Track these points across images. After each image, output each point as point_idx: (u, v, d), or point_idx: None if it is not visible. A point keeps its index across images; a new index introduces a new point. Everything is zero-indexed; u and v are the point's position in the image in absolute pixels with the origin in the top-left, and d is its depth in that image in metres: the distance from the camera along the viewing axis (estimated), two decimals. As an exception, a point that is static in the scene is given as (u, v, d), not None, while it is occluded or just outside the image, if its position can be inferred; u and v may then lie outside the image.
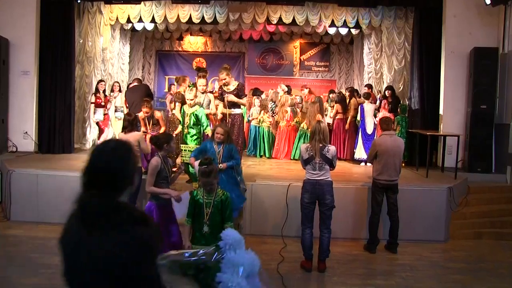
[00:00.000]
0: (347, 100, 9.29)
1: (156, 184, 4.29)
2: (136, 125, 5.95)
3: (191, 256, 2.14)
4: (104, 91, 9.04)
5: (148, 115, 6.70)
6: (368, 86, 9.59)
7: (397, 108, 8.68)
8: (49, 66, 8.51)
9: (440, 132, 8.07)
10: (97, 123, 9.07)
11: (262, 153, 9.43)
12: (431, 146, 7.48)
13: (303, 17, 9.49)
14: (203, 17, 9.51)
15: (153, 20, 9.90)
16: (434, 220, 6.17)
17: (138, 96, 7.79)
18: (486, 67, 7.66)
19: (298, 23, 9.77)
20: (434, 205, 6.21)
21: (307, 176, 4.92)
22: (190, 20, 9.72)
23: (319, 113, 8.48)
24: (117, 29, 11.04)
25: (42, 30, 8.47)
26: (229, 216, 3.67)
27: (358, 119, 8.80)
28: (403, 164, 6.89)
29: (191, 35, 13.62)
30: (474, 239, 6.28)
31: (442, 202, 6.21)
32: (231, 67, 7.37)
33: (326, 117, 9.35)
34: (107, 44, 10.47)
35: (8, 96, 8.32)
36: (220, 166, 4.79)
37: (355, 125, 9.05)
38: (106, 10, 9.61)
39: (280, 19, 9.62)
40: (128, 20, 9.84)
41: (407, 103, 8.99)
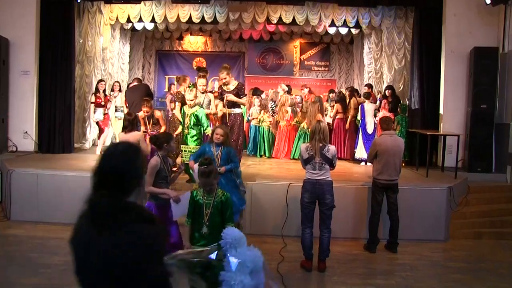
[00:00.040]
0: (347, 100, 9.30)
1: (155, 184, 4.28)
2: (136, 125, 5.95)
3: (195, 255, 2.18)
4: (104, 90, 9.03)
5: (148, 115, 6.70)
6: (368, 86, 9.59)
7: (397, 108, 8.68)
8: (49, 66, 8.51)
9: (440, 131, 8.07)
10: (97, 123, 9.06)
11: (262, 152, 9.42)
12: (431, 146, 7.48)
13: (303, 16, 9.49)
14: (203, 16, 9.51)
15: (153, 20, 9.90)
16: (434, 220, 6.17)
17: (138, 95, 7.80)
18: (486, 66, 7.66)
19: (298, 23, 9.77)
20: (434, 204, 6.21)
21: (307, 176, 4.92)
22: (190, 20, 9.72)
23: (319, 112, 8.49)
24: (117, 28, 11.05)
25: (42, 30, 8.47)
26: (229, 217, 3.62)
27: (358, 118, 8.80)
28: (403, 164, 6.88)
29: (191, 34, 13.61)
30: (474, 238, 6.28)
31: (442, 202, 6.21)
32: (231, 67, 7.37)
33: (326, 116, 9.36)
34: (107, 43, 10.47)
35: (8, 96, 8.32)
36: (219, 170, 4.72)
37: (355, 124, 9.05)
38: (106, 9, 9.61)
39: (280, 18, 9.62)
40: (128, 20, 9.84)
41: (407, 102, 8.99)
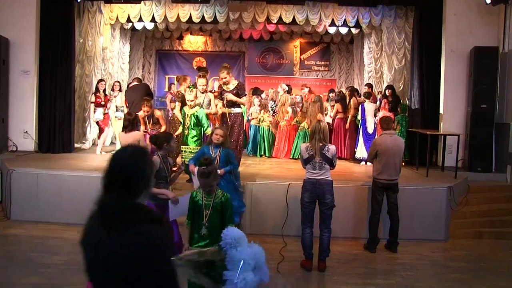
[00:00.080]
0: (347, 100, 9.29)
1: (155, 184, 4.27)
2: (137, 124, 5.95)
3: (199, 256, 2.28)
4: (104, 90, 9.03)
5: (148, 114, 6.71)
6: (368, 85, 9.58)
7: (397, 108, 8.68)
8: (49, 66, 8.50)
9: (440, 131, 8.06)
10: (97, 123, 9.07)
11: (262, 152, 9.42)
12: (431, 146, 7.48)
13: (303, 16, 9.48)
14: (203, 16, 9.51)
15: (153, 20, 9.90)
16: (434, 220, 6.17)
17: (138, 95, 7.80)
18: (486, 66, 7.65)
19: (298, 23, 9.76)
20: (434, 204, 6.20)
21: (307, 176, 4.92)
22: (190, 20, 9.71)
23: (319, 112, 8.49)
24: (117, 28, 11.04)
25: (42, 30, 8.46)
26: (229, 218, 3.57)
27: (358, 118, 8.80)
28: (403, 164, 6.88)
29: (191, 34, 13.60)
30: (474, 238, 6.28)
31: (442, 202, 6.21)
32: (231, 66, 7.37)
33: (326, 116, 9.36)
34: (107, 43, 10.47)
35: (8, 95, 8.32)
36: (218, 172, 4.71)
37: (355, 124, 9.05)
38: (106, 9, 9.60)
39: (280, 18, 9.61)
40: (128, 20, 9.84)
41: (407, 102, 8.99)
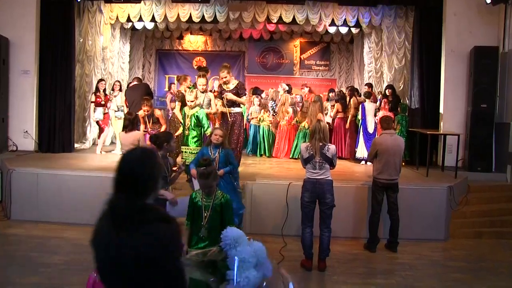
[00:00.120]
0: (347, 99, 9.29)
1: None
2: (137, 124, 5.95)
3: (203, 256, 2.37)
4: (104, 90, 9.03)
5: (148, 114, 6.72)
6: (369, 85, 9.58)
7: (397, 107, 8.68)
8: (49, 66, 8.50)
9: (440, 131, 8.06)
10: (97, 122, 9.07)
11: (262, 152, 9.42)
12: (431, 145, 7.47)
13: (303, 16, 9.48)
14: (203, 16, 9.51)
15: (153, 19, 9.90)
16: (434, 219, 6.17)
17: (138, 95, 7.81)
18: (486, 66, 7.65)
19: (298, 22, 9.76)
20: (434, 204, 6.21)
21: (307, 175, 4.92)
22: (190, 19, 9.71)
23: (320, 112, 8.49)
24: (117, 28, 11.04)
25: (42, 30, 8.46)
26: (230, 219, 3.51)
27: (359, 118, 8.80)
28: (403, 163, 6.88)
29: (191, 34, 13.59)
30: (474, 238, 6.28)
31: (442, 201, 6.21)
32: (231, 66, 7.37)
33: (326, 116, 9.35)
34: (107, 43, 10.47)
35: (8, 95, 8.32)
36: (217, 173, 4.65)
37: (355, 124, 9.05)
38: (106, 9, 9.60)
39: (280, 18, 9.61)
40: (128, 19, 9.84)
41: (407, 102, 8.99)
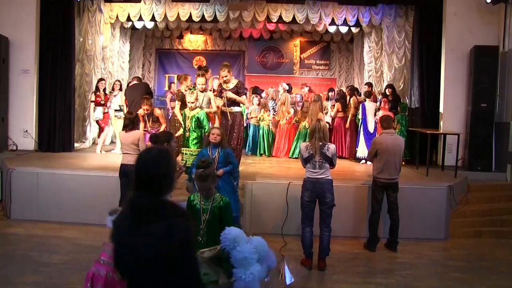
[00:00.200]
0: (347, 99, 9.29)
1: None
2: (137, 123, 5.94)
3: (211, 252, 2.43)
4: (104, 89, 9.03)
5: (148, 113, 6.73)
6: (369, 85, 9.57)
7: (397, 107, 8.68)
8: (49, 65, 8.50)
9: (440, 130, 8.06)
10: (97, 122, 9.07)
11: (262, 151, 9.42)
12: (431, 145, 7.47)
13: (303, 15, 9.48)
14: (203, 15, 9.51)
15: (153, 19, 9.89)
16: (434, 219, 6.18)
17: (138, 94, 7.81)
18: (486, 65, 7.65)
19: (298, 22, 9.75)
20: (434, 203, 6.21)
21: (307, 175, 4.92)
22: (190, 19, 9.71)
23: (320, 111, 8.49)
24: (117, 27, 11.03)
25: (42, 29, 8.46)
26: (229, 223, 3.33)
27: (359, 117, 8.80)
28: (403, 163, 6.88)
29: (191, 33, 13.58)
30: (474, 237, 6.28)
31: (442, 201, 6.21)
32: (231, 65, 7.37)
33: (326, 115, 9.35)
34: (107, 42, 10.47)
35: (8, 94, 8.32)
36: (216, 173, 4.49)
37: (355, 123, 9.05)
38: (106, 8, 9.60)
39: (280, 17, 9.61)
40: (128, 19, 9.84)
41: (407, 101, 8.99)
